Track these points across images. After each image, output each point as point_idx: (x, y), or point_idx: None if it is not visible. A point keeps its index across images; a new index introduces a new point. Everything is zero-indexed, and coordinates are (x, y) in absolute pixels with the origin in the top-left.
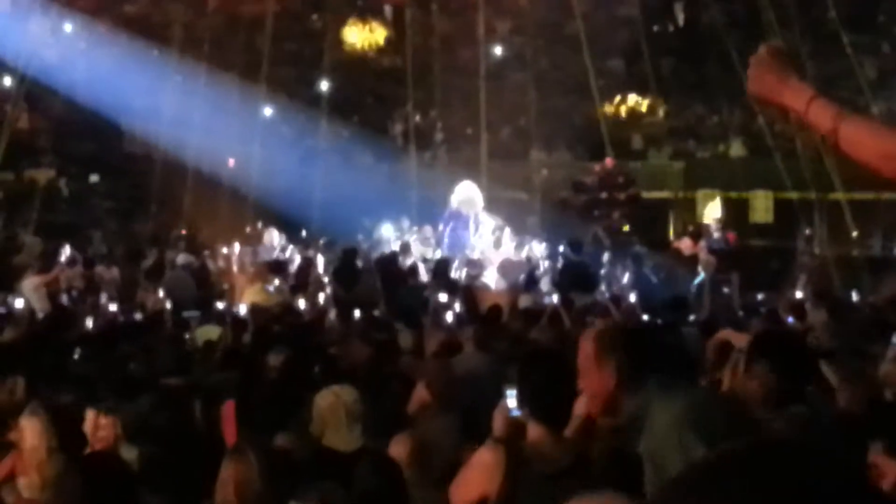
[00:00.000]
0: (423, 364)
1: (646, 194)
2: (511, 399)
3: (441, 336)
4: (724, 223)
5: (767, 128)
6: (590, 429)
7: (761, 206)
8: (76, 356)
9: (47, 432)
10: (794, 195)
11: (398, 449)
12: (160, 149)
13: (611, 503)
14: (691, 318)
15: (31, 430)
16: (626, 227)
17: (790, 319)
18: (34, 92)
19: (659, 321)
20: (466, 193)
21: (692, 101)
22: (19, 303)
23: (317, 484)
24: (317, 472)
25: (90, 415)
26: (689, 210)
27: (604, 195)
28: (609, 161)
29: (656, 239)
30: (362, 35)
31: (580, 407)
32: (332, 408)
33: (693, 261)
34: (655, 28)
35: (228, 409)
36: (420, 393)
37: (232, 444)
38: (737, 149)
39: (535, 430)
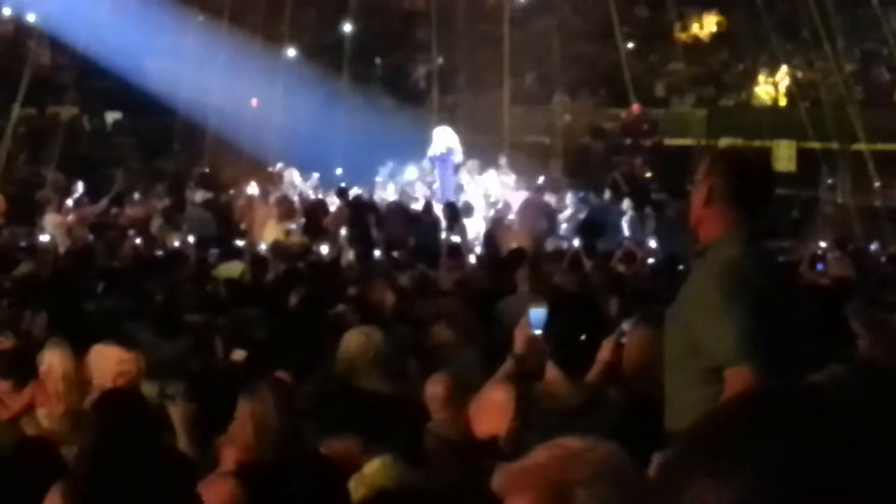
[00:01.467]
0: (441, 302)
1: (668, 141)
2: (535, 316)
3: (457, 275)
4: None
5: (791, 76)
6: (611, 374)
7: (784, 155)
8: (99, 291)
9: (70, 363)
10: (817, 145)
11: (435, 389)
12: (183, 87)
13: (595, 449)
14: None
15: (53, 361)
16: (648, 174)
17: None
18: (57, 28)
19: (680, 267)
20: (449, 138)
21: (717, 48)
22: (43, 238)
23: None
24: (348, 412)
25: (115, 350)
26: None
27: (628, 141)
28: (635, 107)
29: (678, 186)
30: None
31: (604, 352)
32: (362, 348)
33: None
34: None
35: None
36: (441, 331)
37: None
38: (760, 98)
39: (552, 372)
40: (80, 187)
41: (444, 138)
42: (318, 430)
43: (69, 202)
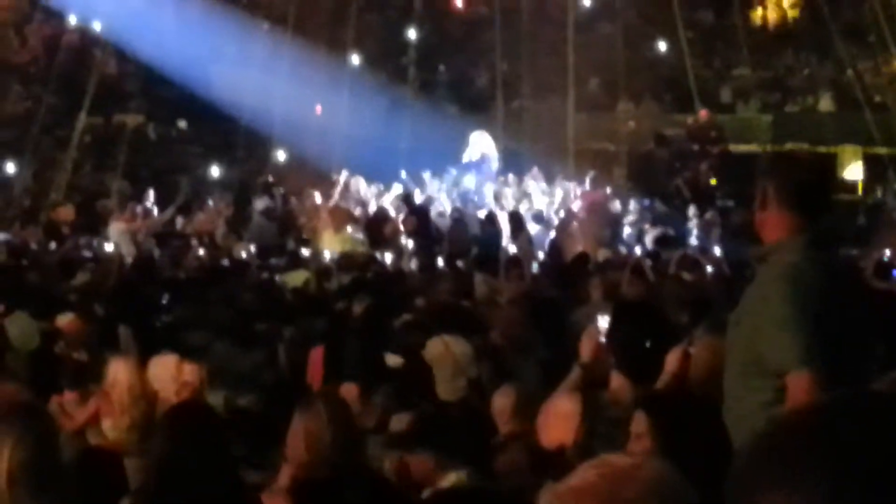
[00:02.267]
0: (498, 312)
1: (733, 147)
2: (603, 323)
3: (518, 285)
4: None
5: (857, 81)
6: (679, 383)
7: (850, 161)
8: (164, 301)
9: (135, 375)
10: (883, 150)
11: (503, 400)
12: (248, 95)
13: (644, 467)
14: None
15: (119, 373)
16: (714, 181)
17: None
18: (123, 36)
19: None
20: (485, 143)
21: (781, 53)
22: (108, 247)
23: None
24: (432, 423)
25: (174, 361)
26: None
27: (695, 147)
28: (703, 113)
29: (743, 193)
30: None
31: (672, 363)
32: (441, 357)
33: None
34: None
35: (316, 355)
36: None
37: (317, 390)
38: (826, 103)
39: (617, 381)
40: (150, 196)
41: (480, 144)
42: (390, 444)
43: (137, 209)
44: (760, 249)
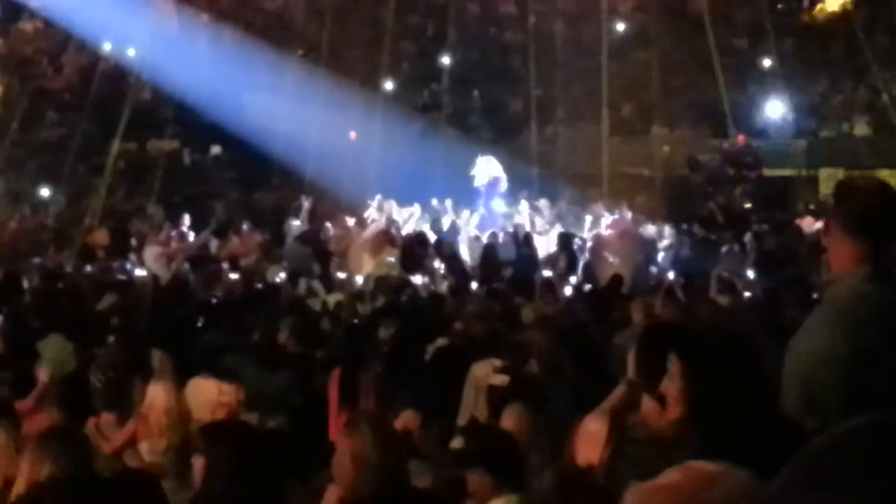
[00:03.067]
0: (529, 336)
1: (768, 172)
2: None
3: (543, 308)
4: None
5: (893, 106)
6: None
7: None
8: (198, 325)
9: (172, 398)
10: None
11: (509, 421)
12: (282, 120)
13: (729, 473)
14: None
15: (156, 396)
16: (748, 205)
17: None
18: (157, 63)
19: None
20: (494, 168)
21: (816, 79)
22: (139, 272)
23: None
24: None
25: (214, 384)
26: (812, 188)
27: (729, 171)
28: (741, 138)
29: (778, 217)
30: None
31: None
32: (486, 381)
33: (814, 238)
34: (780, 7)
35: (334, 377)
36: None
37: (334, 409)
38: (861, 128)
39: (648, 403)
40: (185, 220)
41: (489, 168)
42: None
43: (172, 234)
44: (828, 276)
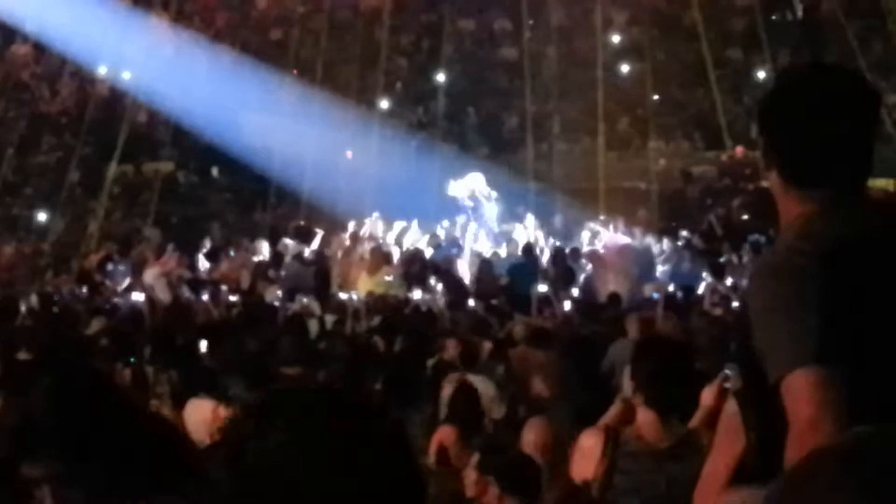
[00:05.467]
0: (532, 354)
1: (766, 184)
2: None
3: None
4: None
5: (888, 115)
6: (713, 419)
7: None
8: (198, 347)
9: (172, 419)
10: None
11: (530, 435)
12: (278, 141)
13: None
14: None
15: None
16: (745, 217)
17: None
18: (153, 85)
19: None
20: (478, 183)
21: None
22: (136, 296)
23: None
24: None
25: (210, 405)
26: None
27: (727, 183)
28: (739, 150)
29: (774, 228)
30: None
31: (707, 397)
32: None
33: None
34: (774, 17)
35: None
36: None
37: None
38: None
39: (644, 415)
40: (170, 248)
41: (473, 184)
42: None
43: (172, 253)
44: None
